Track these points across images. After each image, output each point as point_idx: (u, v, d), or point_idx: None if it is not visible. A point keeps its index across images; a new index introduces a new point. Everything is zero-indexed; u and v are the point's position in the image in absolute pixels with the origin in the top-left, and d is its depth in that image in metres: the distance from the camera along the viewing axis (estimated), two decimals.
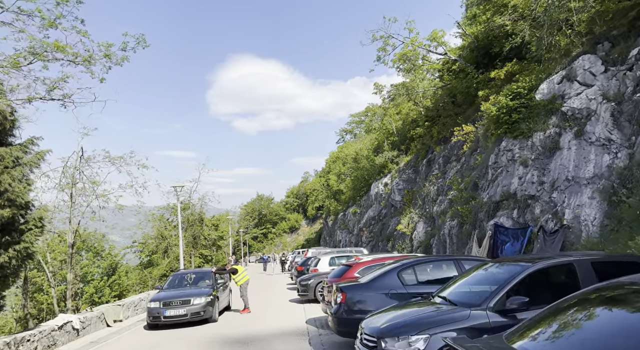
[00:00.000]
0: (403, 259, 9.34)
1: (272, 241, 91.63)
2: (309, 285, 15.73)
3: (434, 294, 6.23)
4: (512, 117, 14.43)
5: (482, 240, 14.88)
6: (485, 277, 5.83)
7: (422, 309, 5.57)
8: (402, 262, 8.23)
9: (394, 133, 40.09)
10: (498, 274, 5.64)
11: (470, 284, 5.94)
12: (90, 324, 12.42)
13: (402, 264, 8.08)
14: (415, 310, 5.65)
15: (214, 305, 12.88)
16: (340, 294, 7.91)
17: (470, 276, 6.11)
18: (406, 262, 8.15)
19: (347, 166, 54.90)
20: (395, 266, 8.09)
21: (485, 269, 6.02)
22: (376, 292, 7.75)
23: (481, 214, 15.40)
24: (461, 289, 5.93)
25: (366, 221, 41.48)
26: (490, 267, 6.00)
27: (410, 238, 23.72)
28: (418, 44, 22.22)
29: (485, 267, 6.07)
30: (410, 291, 7.69)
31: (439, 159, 23.84)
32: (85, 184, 15.14)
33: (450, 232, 17.82)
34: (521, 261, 5.62)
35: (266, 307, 15.37)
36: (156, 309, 12.30)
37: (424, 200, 24.04)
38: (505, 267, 5.66)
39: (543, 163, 13.62)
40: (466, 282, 6.01)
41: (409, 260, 8.33)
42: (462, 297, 5.56)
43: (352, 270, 10.59)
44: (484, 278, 5.84)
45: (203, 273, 14.73)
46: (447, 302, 5.50)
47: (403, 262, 8.22)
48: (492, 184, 15.39)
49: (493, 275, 5.74)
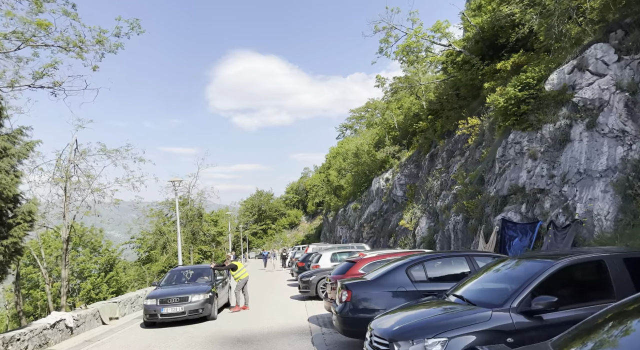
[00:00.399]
0: (410, 255, 8.91)
1: (272, 237, 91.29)
2: (310, 281, 15.31)
3: (447, 293, 5.79)
4: (521, 108, 13.96)
5: (489, 236, 14.46)
6: (505, 275, 5.38)
7: (437, 309, 5.13)
8: (410, 258, 7.79)
9: (396, 128, 39.60)
10: (519, 271, 5.19)
11: (488, 282, 5.50)
12: (85, 321, 12.00)
13: (411, 260, 7.64)
14: (429, 310, 5.21)
15: (212, 303, 12.46)
16: (346, 292, 7.48)
17: (487, 273, 5.67)
18: (415, 258, 7.71)
19: (347, 161, 54.46)
20: (403, 262, 7.65)
21: (504, 266, 5.58)
22: (383, 289, 7.32)
23: (488, 208, 14.96)
24: (478, 287, 5.49)
25: (367, 217, 41.07)
26: (509, 264, 5.56)
27: (413, 234, 23.30)
28: (422, 35, 21.69)
29: (504, 264, 5.63)
30: (420, 289, 7.26)
31: (443, 153, 23.37)
32: (80, 178, 14.68)
33: (455, 227, 17.39)
34: (545, 257, 5.18)
35: (267, 304, 14.97)
36: (153, 306, 11.88)
37: (427, 195, 23.60)
38: (527, 263, 5.22)
39: (553, 156, 13.17)
40: (483, 280, 5.57)
41: (418, 256, 7.89)
42: (480, 296, 5.12)
43: (356, 266, 10.15)
44: (503, 276, 5.39)
45: (201, 269, 14.30)
46: (464, 302, 5.06)
47: (411, 258, 7.78)
48: (500, 178, 14.94)
49: (513, 272, 5.30)
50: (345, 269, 10.36)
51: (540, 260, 5.09)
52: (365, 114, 78.22)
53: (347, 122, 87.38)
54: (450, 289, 5.85)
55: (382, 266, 8.39)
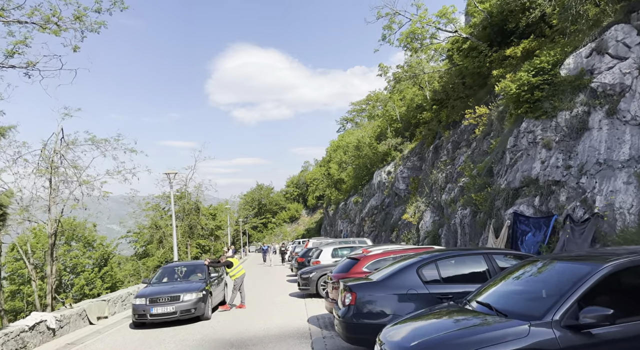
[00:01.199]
0: (420, 253, 8.10)
1: (272, 231, 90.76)
2: (310, 278, 14.56)
3: (469, 298, 4.99)
4: (534, 95, 13.09)
5: (500, 231, 13.66)
6: (538, 279, 4.58)
7: (460, 320, 4.33)
8: (422, 256, 6.99)
9: (398, 119, 38.69)
10: (557, 274, 4.39)
11: (518, 286, 4.70)
12: (70, 322, 11.25)
13: (422, 258, 6.84)
14: (450, 320, 4.41)
15: (206, 302, 11.70)
16: (349, 294, 6.69)
17: (515, 276, 4.86)
18: (427, 256, 6.90)
19: (348, 154, 53.58)
20: (413, 261, 6.85)
21: (535, 268, 4.77)
22: (392, 292, 6.53)
23: (498, 201, 14.15)
24: (507, 293, 4.69)
25: (368, 211, 40.31)
26: (541, 265, 4.75)
27: (417, 228, 22.52)
28: (427, 21, 20.76)
29: (535, 265, 4.82)
30: (433, 291, 6.47)
31: (448, 145, 22.52)
32: (66, 169, 13.87)
33: (462, 221, 16.60)
34: (587, 259, 4.37)
35: (264, 302, 14.22)
36: (142, 306, 11.11)
37: (432, 188, 22.79)
38: (565, 265, 4.41)
39: (569, 145, 12.33)
40: (512, 284, 4.76)
41: (430, 254, 7.09)
42: (512, 304, 4.31)
43: (360, 264, 9.37)
44: (537, 280, 4.59)
45: (195, 266, 13.53)
46: (491, 311, 4.25)
47: (422, 256, 6.97)
48: (511, 169, 14.12)
49: (549, 276, 4.49)
50: (348, 267, 9.58)
51: (584, 262, 4.28)
52: (366, 107, 77.22)
53: (347, 115, 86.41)
54: (473, 294, 5.05)
55: (389, 265, 7.60)
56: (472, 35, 20.58)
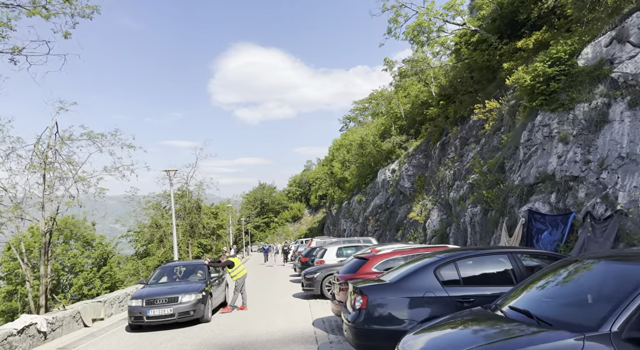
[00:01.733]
0: (435, 252, 7.51)
1: (275, 230, 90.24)
2: (314, 279, 13.98)
3: (499, 303, 4.40)
4: (550, 86, 12.46)
5: (513, 229, 13.05)
6: (582, 282, 3.98)
7: (493, 330, 3.74)
8: (439, 255, 6.39)
9: (402, 117, 38.04)
10: (605, 276, 3.79)
11: (558, 290, 4.09)
12: (62, 325, 10.70)
13: (440, 258, 6.24)
14: (482, 330, 3.82)
15: (206, 303, 11.14)
16: (360, 297, 6.10)
17: (552, 278, 4.26)
18: (445, 255, 6.30)
19: (351, 153, 52.97)
20: (430, 261, 6.26)
21: (577, 269, 4.17)
22: (407, 295, 5.94)
23: (511, 198, 13.52)
24: (544, 297, 4.09)
25: (372, 209, 39.69)
26: (583, 267, 4.14)
27: (424, 227, 21.90)
28: (434, 13, 20.13)
29: (575, 266, 4.22)
30: (453, 294, 5.88)
31: (456, 141, 21.89)
32: (61, 165, 13.33)
33: (473, 219, 15.98)
34: None
35: (267, 303, 13.65)
36: (138, 308, 10.56)
37: (439, 186, 22.16)
38: (617, 266, 3.81)
39: (588, 139, 11.69)
40: (549, 288, 4.16)
41: (447, 253, 6.49)
42: (554, 311, 3.71)
43: (368, 264, 8.78)
44: (580, 283, 3.99)
45: (194, 266, 12.97)
46: (530, 319, 3.65)
47: (440, 255, 6.38)
48: (525, 165, 13.49)
49: (595, 278, 3.89)
50: (356, 267, 8.99)
51: (636, 262, 3.68)
52: (369, 106, 76.58)
53: (350, 114, 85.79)
54: (503, 299, 4.45)
55: (402, 265, 7.01)
56: (481, 28, 19.93)
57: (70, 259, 22.89)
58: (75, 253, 23.55)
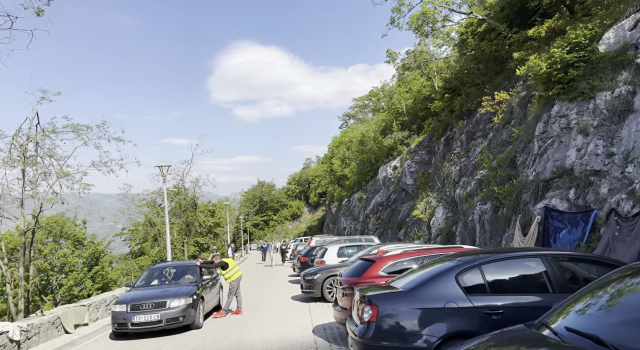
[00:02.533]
0: (453, 254, 6.64)
1: (274, 228, 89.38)
2: (314, 280, 13.10)
3: (546, 320, 3.51)
4: (569, 73, 11.57)
5: (528, 228, 12.17)
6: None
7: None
8: (461, 259, 5.51)
9: (404, 112, 37.12)
10: None
11: (630, 308, 3.19)
12: (40, 332, 9.80)
13: (463, 262, 5.36)
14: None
15: (197, 308, 10.25)
16: (369, 308, 5.21)
17: (618, 290, 3.37)
18: (468, 259, 5.42)
19: (352, 150, 52.07)
20: (451, 265, 5.38)
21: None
22: (425, 305, 5.06)
23: (525, 195, 12.64)
24: (612, 316, 3.19)
25: (373, 207, 38.83)
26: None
27: (428, 225, 21.03)
28: (439, 1, 19.21)
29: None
30: (478, 304, 5.00)
31: (462, 136, 21.00)
32: (43, 159, 12.42)
33: (482, 217, 15.10)
34: None
35: (263, 307, 12.76)
36: (122, 314, 9.67)
37: (444, 183, 21.28)
38: None
39: (611, 130, 10.81)
40: (620, 304, 3.26)
41: (471, 256, 5.60)
42: (633, 337, 2.81)
43: (375, 267, 7.90)
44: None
45: (186, 267, 12.06)
46: (601, 347, 2.75)
47: (463, 258, 5.50)
48: (540, 159, 12.60)
49: None
50: (361, 270, 8.10)
51: None
52: (369, 103, 75.67)
53: (350, 111, 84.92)
54: (551, 314, 3.56)
55: (417, 270, 6.12)
56: (489, 17, 19.02)
57: (60, 259, 21.99)
58: (65, 252, 22.65)
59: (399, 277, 6.13)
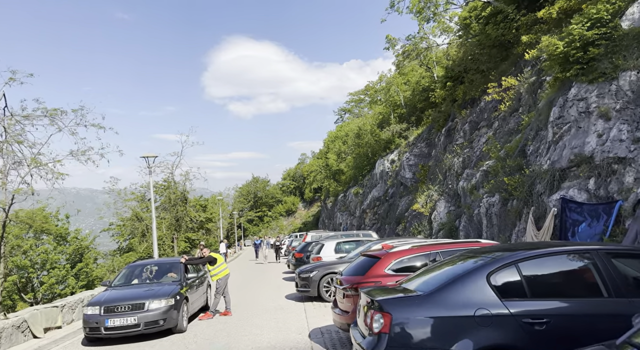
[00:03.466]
0: (478, 249, 5.65)
1: (269, 224, 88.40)
2: (310, 278, 12.11)
3: (634, 341, 2.51)
4: (589, 53, 10.58)
5: (542, 221, 11.22)
6: None
7: None
8: (493, 254, 4.50)
9: (402, 105, 36.11)
10: None
11: None
12: (1, 337, 8.71)
13: (495, 258, 4.36)
14: None
15: (180, 310, 9.22)
16: (380, 316, 4.20)
17: None
18: (502, 255, 4.41)
19: (348, 144, 51.04)
20: (480, 263, 4.38)
21: None
22: (450, 313, 4.06)
23: (539, 186, 11.68)
24: None
25: (370, 202, 37.89)
26: None
27: (429, 219, 20.07)
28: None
29: None
30: (517, 311, 4.01)
31: (464, 126, 20.02)
32: (11, 146, 11.27)
33: (489, 211, 14.14)
34: None
35: (254, 307, 11.74)
36: (94, 317, 8.61)
37: (445, 175, 20.32)
38: None
39: (636, 113, 9.84)
40: None
41: (505, 252, 4.59)
42: None
43: (380, 264, 6.88)
44: None
45: (169, 264, 11.00)
46: None
47: (494, 254, 4.49)
48: (555, 147, 11.63)
49: None
50: (365, 268, 7.08)
51: None
52: (364, 97, 74.68)
53: (346, 106, 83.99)
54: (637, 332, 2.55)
55: (433, 268, 5.11)
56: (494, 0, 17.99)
57: (40, 255, 20.82)
58: (46, 248, 21.47)
59: (413, 277, 5.12)
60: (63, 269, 21.21)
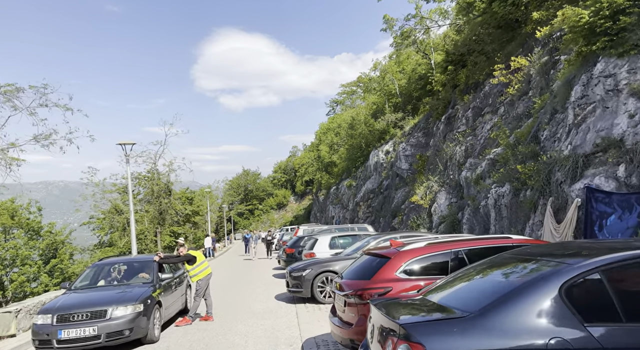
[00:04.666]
0: (530, 247, 4.37)
1: (259, 218, 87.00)
2: (303, 277, 10.81)
3: None
4: (619, 22, 9.33)
5: (562, 213, 10.02)
6: None
7: None
8: (558, 258, 3.22)
9: (397, 94, 34.81)
10: None
11: None
12: None
13: (569, 263, 3.07)
14: None
15: (151, 316, 7.87)
16: (408, 348, 2.89)
17: None
18: (580, 259, 3.13)
19: (340, 135, 49.71)
20: (547, 271, 3.09)
21: None
22: (510, 343, 2.77)
23: (559, 174, 10.47)
24: None
25: (364, 195, 36.68)
26: None
27: (429, 212, 18.88)
28: None
29: None
30: (605, 340, 2.73)
31: (467, 113, 18.79)
32: None
33: (498, 202, 12.94)
34: None
35: (239, 310, 10.43)
36: (45, 327, 7.23)
37: (446, 165, 19.11)
38: None
39: None
40: None
41: (579, 256, 3.31)
42: None
43: (391, 265, 5.57)
44: None
45: (141, 263, 9.59)
46: None
47: (559, 259, 3.20)
48: (577, 130, 10.41)
49: None
50: (371, 270, 5.77)
51: None
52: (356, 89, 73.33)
53: (338, 97, 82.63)
54: None
55: (469, 274, 3.81)
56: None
57: (9, 251, 19.24)
58: (15, 243, 19.86)
59: (441, 286, 3.82)
60: (35, 266, 19.69)
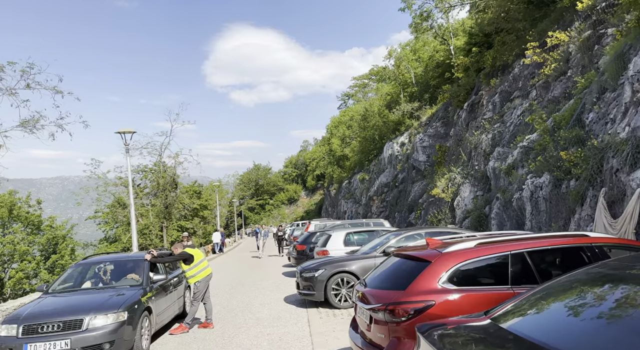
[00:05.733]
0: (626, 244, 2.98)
1: (270, 213, 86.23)
2: (315, 278, 9.55)
3: None
4: None
5: (619, 206, 8.57)
6: None
7: None
8: None
9: (413, 83, 33.25)
10: None
11: None
12: None
13: None
14: None
15: (137, 325, 6.69)
16: None
17: None
18: None
19: (353, 128, 48.29)
20: None
21: None
22: None
23: (613, 160, 9.00)
24: None
25: (377, 189, 35.33)
26: None
27: (451, 206, 17.46)
28: None
29: None
30: None
31: (494, 98, 17.27)
32: None
33: (535, 194, 11.50)
34: None
35: (244, 316, 9.22)
36: (9, 340, 6.10)
37: (470, 156, 17.64)
38: None
39: None
40: None
41: None
42: None
43: (432, 271, 4.24)
44: None
45: (131, 262, 8.42)
46: None
47: None
48: (636, 109, 8.92)
49: None
50: (406, 277, 4.44)
51: None
52: (368, 82, 71.74)
53: (349, 90, 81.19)
54: None
55: (565, 289, 2.46)
56: None
57: (7, 246, 18.36)
58: (13, 238, 18.97)
59: (522, 306, 2.48)
60: (33, 262, 18.81)
